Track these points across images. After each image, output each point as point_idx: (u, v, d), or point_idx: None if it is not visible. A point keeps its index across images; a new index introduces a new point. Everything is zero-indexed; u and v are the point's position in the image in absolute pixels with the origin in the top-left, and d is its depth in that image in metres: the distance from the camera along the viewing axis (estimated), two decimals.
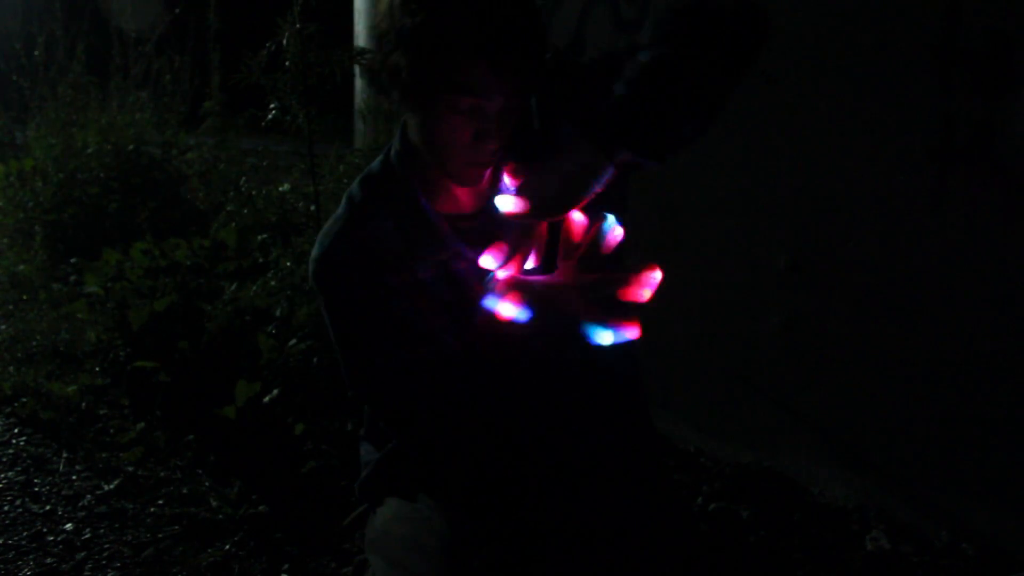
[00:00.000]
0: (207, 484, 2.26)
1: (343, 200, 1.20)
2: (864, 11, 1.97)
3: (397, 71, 1.04)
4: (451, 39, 0.98)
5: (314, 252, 1.18)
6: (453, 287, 1.15)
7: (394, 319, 1.15)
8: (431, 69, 1.01)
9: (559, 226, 1.01)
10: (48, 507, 2.20)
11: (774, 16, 1.08)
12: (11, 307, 3.72)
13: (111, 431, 2.58)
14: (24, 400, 2.75)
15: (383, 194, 1.17)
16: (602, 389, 1.25)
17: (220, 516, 2.11)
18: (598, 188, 0.96)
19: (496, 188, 1.09)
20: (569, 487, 1.23)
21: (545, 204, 0.96)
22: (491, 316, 0.97)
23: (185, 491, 2.23)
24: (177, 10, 4.91)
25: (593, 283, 0.96)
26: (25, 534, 2.07)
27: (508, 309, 0.95)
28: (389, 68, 1.05)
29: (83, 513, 2.17)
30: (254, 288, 2.74)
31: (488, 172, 1.13)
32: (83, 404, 2.73)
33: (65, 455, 2.45)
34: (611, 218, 0.99)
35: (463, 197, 1.18)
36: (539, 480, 1.23)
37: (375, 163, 1.21)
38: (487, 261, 0.98)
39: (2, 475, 2.35)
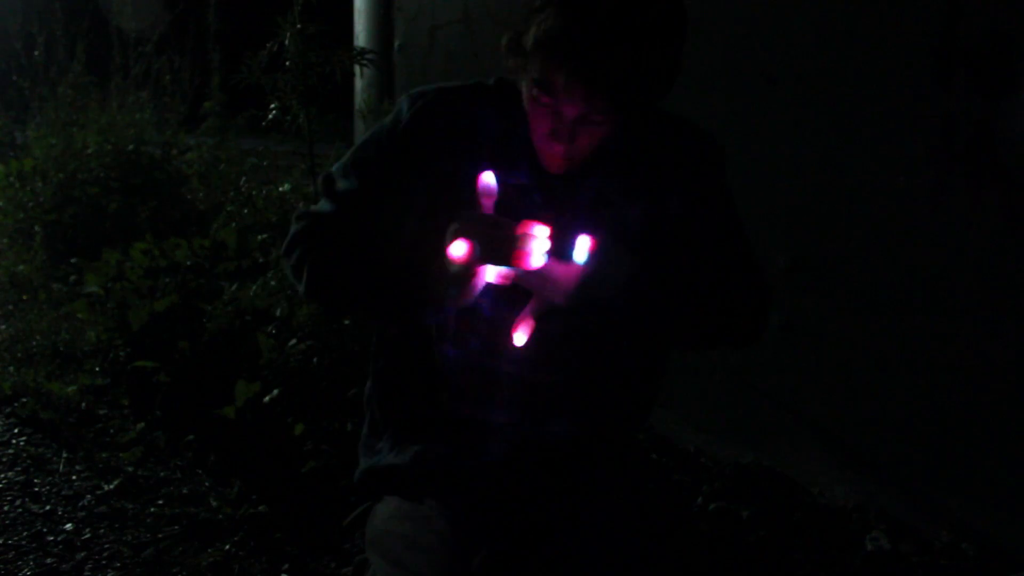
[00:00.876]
0: (207, 484, 2.26)
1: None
2: (864, 11, 1.97)
3: (505, 44, 1.10)
4: (548, 37, 1.01)
5: (419, 88, 1.23)
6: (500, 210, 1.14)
7: (405, 199, 1.18)
8: (524, 55, 1.06)
9: None
10: (48, 507, 2.20)
11: (775, 16, 1.10)
12: (11, 307, 3.72)
13: (111, 431, 2.58)
14: (24, 400, 2.75)
15: (507, 95, 1.20)
16: (597, 377, 1.25)
17: (220, 516, 2.11)
18: None
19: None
20: (562, 482, 1.23)
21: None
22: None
23: (185, 491, 2.23)
24: (177, 10, 4.91)
25: None
26: (25, 534, 2.07)
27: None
28: (505, 41, 1.10)
29: (83, 513, 2.17)
30: (254, 288, 2.74)
31: (564, 163, 1.13)
32: (83, 404, 2.73)
33: (65, 455, 2.45)
34: None
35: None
36: (530, 473, 1.23)
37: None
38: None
39: (2, 475, 2.35)
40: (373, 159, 1.22)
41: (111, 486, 2.28)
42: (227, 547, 2.01)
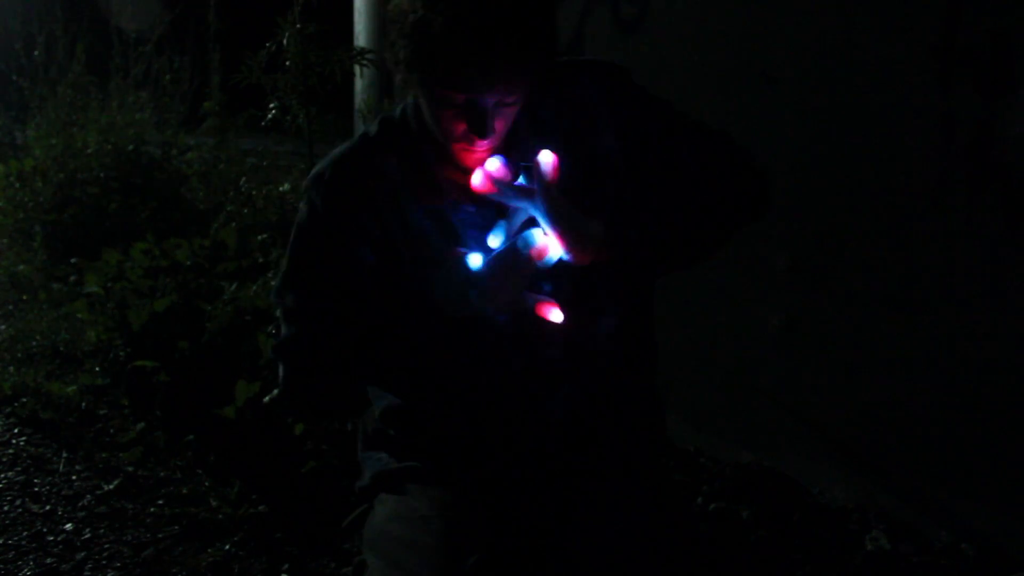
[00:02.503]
0: (207, 484, 2.26)
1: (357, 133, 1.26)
2: (864, 11, 1.97)
3: (398, 61, 1.08)
4: (447, 39, 1.01)
5: (314, 169, 1.22)
6: (446, 236, 1.17)
7: (356, 271, 1.18)
8: (428, 65, 1.05)
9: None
10: (48, 507, 2.20)
11: (775, 16, 1.10)
12: (11, 307, 3.72)
13: (111, 431, 2.58)
14: (24, 400, 2.75)
15: (395, 135, 1.21)
16: (596, 374, 1.25)
17: (220, 516, 2.11)
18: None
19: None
20: (562, 482, 1.23)
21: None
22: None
23: (185, 491, 2.23)
24: (177, 10, 4.90)
25: None
26: (25, 534, 2.07)
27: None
28: (393, 56, 1.09)
29: (83, 513, 2.17)
30: (254, 288, 2.74)
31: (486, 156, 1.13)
32: (83, 404, 2.73)
33: (65, 455, 2.45)
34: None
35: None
36: (530, 473, 1.23)
37: (396, 109, 1.25)
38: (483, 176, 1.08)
39: (2, 475, 2.35)
40: (308, 261, 1.22)
41: (111, 486, 2.28)
42: (227, 547, 2.01)
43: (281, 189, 3.61)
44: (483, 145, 1.10)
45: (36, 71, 4.81)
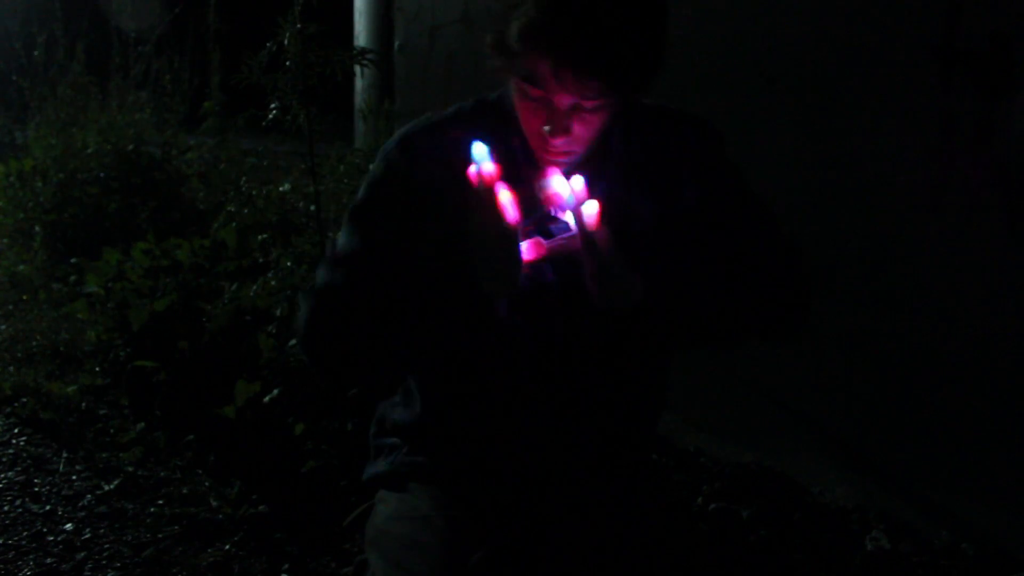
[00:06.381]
0: (207, 484, 2.26)
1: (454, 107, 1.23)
2: (864, 11, 1.97)
3: (490, 44, 1.08)
4: (531, 27, 1.00)
5: (401, 130, 1.21)
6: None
7: (419, 240, 1.13)
8: (508, 52, 1.04)
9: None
10: (48, 507, 2.20)
11: (775, 16, 1.10)
12: (11, 307, 3.71)
13: (111, 431, 2.58)
14: (24, 400, 2.75)
15: (488, 117, 1.18)
16: (606, 383, 1.25)
17: (220, 516, 2.11)
18: None
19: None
20: (564, 483, 1.24)
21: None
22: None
23: (185, 491, 2.23)
24: (177, 10, 4.91)
25: None
26: (25, 534, 2.07)
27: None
28: (489, 40, 1.09)
29: (83, 513, 2.17)
30: (254, 288, 2.74)
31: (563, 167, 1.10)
32: (83, 404, 2.73)
33: (65, 455, 2.45)
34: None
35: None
36: (536, 475, 1.23)
37: (494, 94, 1.22)
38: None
39: (2, 475, 2.35)
40: (374, 217, 1.18)
41: (111, 486, 2.28)
42: (227, 547, 2.01)
43: (281, 189, 3.61)
44: (559, 143, 1.07)
45: (36, 71, 4.81)
